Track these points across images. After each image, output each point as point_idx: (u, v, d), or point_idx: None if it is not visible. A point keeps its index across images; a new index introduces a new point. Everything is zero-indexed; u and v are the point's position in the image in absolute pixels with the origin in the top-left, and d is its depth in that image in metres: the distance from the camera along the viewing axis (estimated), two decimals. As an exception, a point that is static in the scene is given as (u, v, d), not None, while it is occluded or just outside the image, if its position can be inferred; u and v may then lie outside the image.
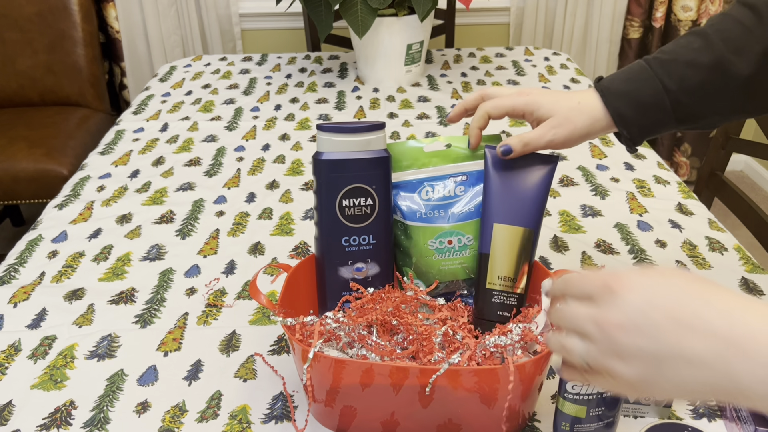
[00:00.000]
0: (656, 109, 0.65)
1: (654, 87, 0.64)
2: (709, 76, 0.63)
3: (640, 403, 0.65)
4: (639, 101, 0.65)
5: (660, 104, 0.64)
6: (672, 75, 0.64)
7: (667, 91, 0.64)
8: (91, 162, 1.25)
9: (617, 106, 0.65)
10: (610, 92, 0.65)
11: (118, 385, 0.72)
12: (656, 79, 0.64)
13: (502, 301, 0.68)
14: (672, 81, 0.64)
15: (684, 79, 0.63)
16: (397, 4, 1.53)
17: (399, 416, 0.61)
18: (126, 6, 2.26)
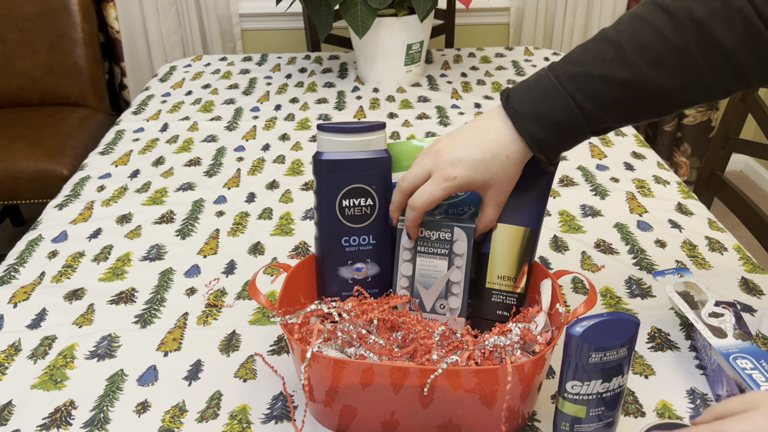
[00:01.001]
0: (572, 128, 0.61)
1: (568, 107, 0.60)
2: (625, 92, 0.59)
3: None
4: (554, 123, 0.61)
5: (576, 124, 0.61)
6: (586, 92, 0.59)
7: (582, 109, 0.60)
8: (91, 162, 1.25)
9: (531, 131, 0.61)
10: (522, 116, 0.61)
11: (118, 385, 0.72)
12: (568, 99, 0.60)
13: (501, 300, 0.68)
14: (586, 99, 0.59)
15: (598, 96, 0.59)
16: (397, 4, 1.53)
17: (399, 416, 0.61)
18: (126, 6, 2.26)
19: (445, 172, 0.62)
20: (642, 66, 0.58)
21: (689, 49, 0.57)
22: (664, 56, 0.58)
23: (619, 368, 0.57)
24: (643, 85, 0.59)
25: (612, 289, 0.86)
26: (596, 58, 0.59)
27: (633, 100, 0.60)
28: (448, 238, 0.67)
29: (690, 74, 0.58)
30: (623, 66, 0.58)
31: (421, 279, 0.68)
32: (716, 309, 0.71)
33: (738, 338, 0.66)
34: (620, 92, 0.59)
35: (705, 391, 0.69)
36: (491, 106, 1.47)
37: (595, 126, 0.61)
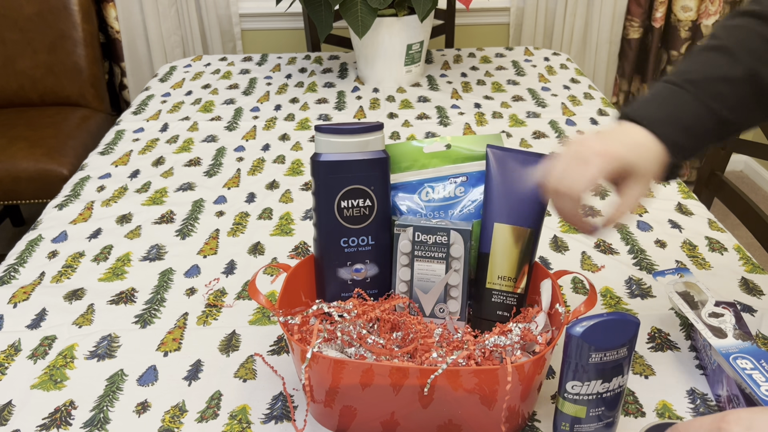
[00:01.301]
0: (703, 131, 0.62)
1: (697, 108, 0.61)
2: (744, 89, 0.61)
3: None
4: (687, 126, 0.61)
5: (706, 125, 0.61)
6: (711, 93, 0.61)
7: (710, 110, 0.61)
8: (91, 162, 1.25)
9: (668, 133, 0.61)
10: (653, 121, 0.61)
11: (118, 385, 0.72)
12: (698, 101, 0.61)
13: (501, 300, 0.68)
14: (713, 99, 0.61)
15: (723, 96, 0.61)
16: (397, 4, 1.53)
17: (399, 416, 0.61)
18: (126, 6, 2.26)
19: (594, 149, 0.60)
20: (754, 62, 0.60)
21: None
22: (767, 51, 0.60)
23: (619, 368, 0.57)
24: (758, 80, 0.60)
25: (612, 289, 0.86)
26: (709, 65, 0.62)
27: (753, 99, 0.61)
28: (444, 242, 0.67)
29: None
30: (737, 65, 0.61)
31: (419, 283, 0.68)
32: (716, 309, 0.71)
33: (738, 338, 0.66)
34: (740, 90, 0.61)
35: (705, 391, 0.69)
36: (491, 106, 1.47)
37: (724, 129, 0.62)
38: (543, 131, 1.34)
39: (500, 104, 1.48)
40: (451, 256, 0.67)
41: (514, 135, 1.32)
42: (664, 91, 0.62)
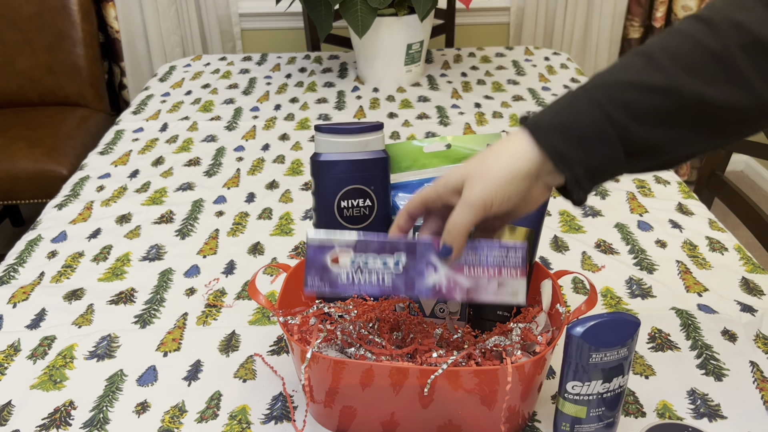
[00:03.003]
0: (601, 142, 0.52)
1: (594, 116, 0.51)
2: (660, 99, 0.51)
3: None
4: (579, 134, 0.52)
5: (604, 137, 0.52)
6: (614, 99, 0.51)
7: (610, 119, 0.51)
8: (90, 162, 1.25)
9: (553, 141, 0.52)
10: (542, 127, 0.53)
11: (118, 385, 0.72)
12: (594, 105, 0.51)
13: (502, 301, 0.68)
14: (615, 106, 0.51)
15: (629, 104, 0.51)
16: (397, 4, 1.53)
17: (399, 417, 0.61)
18: (126, 6, 2.26)
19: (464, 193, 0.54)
20: (676, 71, 0.50)
21: (729, 53, 0.49)
22: (700, 61, 0.50)
23: (619, 368, 0.57)
24: (679, 92, 0.50)
25: (612, 289, 0.86)
26: (625, 68, 0.52)
27: (671, 111, 0.51)
28: None
29: (734, 81, 0.50)
30: (655, 71, 0.51)
31: None
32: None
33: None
34: (654, 99, 0.51)
35: (705, 392, 0.69)
36: (491, 105, 1.47)
37: (628, 143, 0.52)
38: (543, 131, 1.33)
39: (500, 104, 1.48)
40: None
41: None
42: (567, 95, 0.54)
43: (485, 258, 0.56)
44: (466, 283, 0.56)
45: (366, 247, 0.56)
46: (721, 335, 0.77)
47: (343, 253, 0.57)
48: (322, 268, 0.57)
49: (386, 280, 0.57)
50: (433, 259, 0.56)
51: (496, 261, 0.56)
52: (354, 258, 0.57)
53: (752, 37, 0.49)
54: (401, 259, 0.57)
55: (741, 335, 0.77)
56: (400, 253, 0.56)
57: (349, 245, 0.57)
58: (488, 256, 0.56)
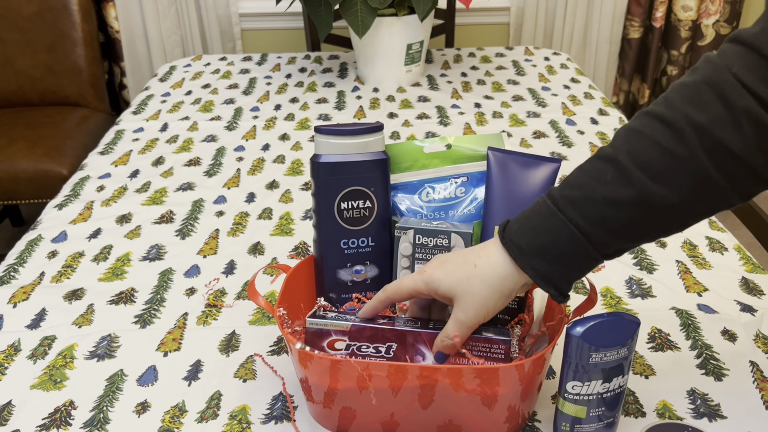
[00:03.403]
0: (579, 257, 0.55)
1: (571, 235, 0.54)
2: (633, 212, 0.53)
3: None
4: (558, 255, 0.55)
5: (582, 251, 0.55)
6: (589, 217, 0.53)
7: (587, 236, 0.54)
8: (90, 162, 1.25)
9: (535, 265, 0.55)
10: (522, 251, 0.56)
11: (118, 385, 0.72)
12: (570, 226, 0.54)
13: (502, 301, 0.68)
14: (590, 224, 0.53)
15: (604, 220, 0.53)
16: (397, 4, 1.53)
17: (399, 417, 0.61)
18: (126, 6, 2.26)
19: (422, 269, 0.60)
20: (646, 182, 0.52)
21: (696, 158, 0.51)
22: (667, 169, 0.52)
23: (619, 368, 0.57)
24: (650, 202, 0.52)
25: (612, 289, 0.86)
26: (596, 180, 0.54)
27: (642, 221, 0.53)
28: (445, 245, 0.67)
29: (701, 184, 0.52)
30: (626, 185, 0.52)
31: None
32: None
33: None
34: (627, 213, 0.53)
35: (705, 392, 0.69)
36: (491, 105, 1.47)
37: (606, 250, 0.55)
38: (543, 131, 1.34)
39: (500, 104, 1.48)
40: None
41: (514, 135, 1.32)
42: (542, 210, 0.56)
43: (470, 350, 0.61)
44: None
45: (359, 334, 0.61)
46: (721, 335, 0.77)
47: (339, 339, 0.62)
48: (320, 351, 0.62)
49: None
50: (421, 347, 0.61)
51: (480, 353, 0.61)
52: (348, 344, 0.62)
53: (715, 140, 0.51)
54: (392, 347, 0.61)
55: (741, 335, 0.77)
56: (391, 343, 0.61)
57: (344, 332, 0.61)
58: (473, 348, 0.61)
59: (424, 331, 0.61)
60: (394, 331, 0.61)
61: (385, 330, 0.61)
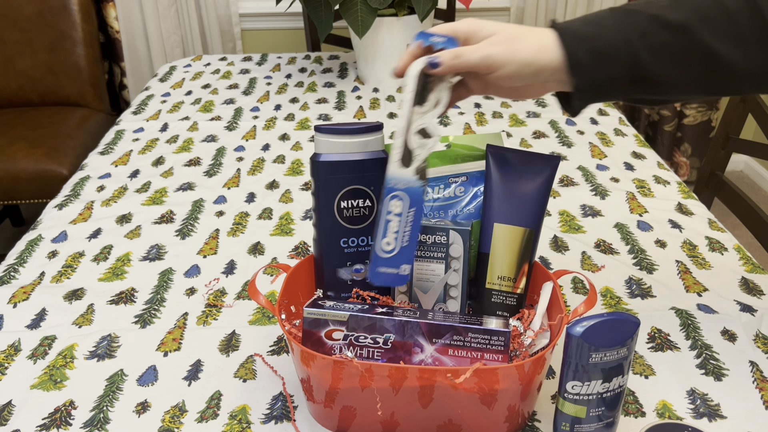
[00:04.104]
0: (613, 60, 0.58)
1: (615, 35, 0.57)
2: (673, 37, 0.56)
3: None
4: (597, 48, 0.57)
5: (618, 56, 0.57)
6: (636, 26, 0.57)
7: (627, 42, 0.57)
8: (91, 162, 1.25)
9: (574, 48, 0.58)
10: (568, 32, 0.58)
11: (118, 385, 0.72)
12: (618, 27, 0.57)
13: (501, 300, 0.68)
14: (635, 32, 0.57)
15: (647, 34, 0.57)
16: (397, 4, 1.53)
17: (399, 417, 0.61)
18: (126, 6, 2.26)
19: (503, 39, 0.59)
20: (692, 17, 0.56)
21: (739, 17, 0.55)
22: (714, 15, 0.56)
23: (619, 368, 0.57)
24: (690, 36, 0.56)
25: (612, 289, 0.86)
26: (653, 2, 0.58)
27: (678, 48, 0.57)
28: (443, 242, 0.67)
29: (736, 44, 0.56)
30: (677, 11, 0.56)
31: (418, 283, 0.68)
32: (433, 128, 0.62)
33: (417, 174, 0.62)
34: (668, 37, 0.56)
35: (705, 391, 0.69)
36: (491, 105, 1.47)
37: (636, 70, 0.58)
38: (543, 131, 1.34)
39: (500, 104, 1.48)
40: (451, 256, 0.67)
41: (514, 135, 1.32)
42: (600, 12, 0.60)
43: (469, 341, 0.60)
44: (450, 364, 0.61)
45: (357, 324, 0.61)
46: (720, 335, 0.77)
47: (337, 329, 0.62)
48: (317, 341, 0.62)
49: (375, 356, 0.62)
50: (420, 339, 0.61)
51: (479, 345, 0.60)
52: (346, 334, 0.62)
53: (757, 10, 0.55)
54: (390, 337, 0.61)
55: (741, 335, 0.77)
56: (389, 333, 0.61)
57: (342, 322, 0.61)
58: (472, 340, 0.60)
59: (422, 321, 0.60)
60: (392, 321, 0.61)
61: (383, 320, 0.61)
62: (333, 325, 0.62)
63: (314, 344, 0.62)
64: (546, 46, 0.58)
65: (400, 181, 0.62)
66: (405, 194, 0.62)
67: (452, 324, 0.60)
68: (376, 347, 0.61)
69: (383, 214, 0.62)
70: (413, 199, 0.62)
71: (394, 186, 0.62)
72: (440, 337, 0.60)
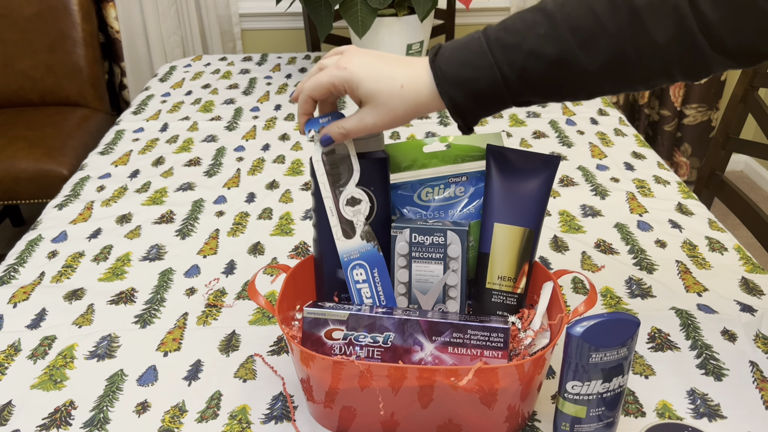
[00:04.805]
0: (493, 98, 0.60)
1: (493, 77, 0.58)
2: (551, 70, 0.57)
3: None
4: (476, 91, 0.59)
5: (498, 94, 0.59)
6: (513, 64, 0.57)
7: (506, 81, 0.58)
8: (91, 162, 1.25)
9: (453, 95, 0.59)
10: (447, 79, 0.59)
11: (118, 385, 0.72)
12: (495, 69, 0.58)
13: (501, 300, 0.68)
14: (512, 71, 0.58)
15: (525, 70, 0.57)
16: (397, 4, 1.53)
17: (399, 417, 0.61)
18: (126, 6, 2.26)
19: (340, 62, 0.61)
20: (572, 45, 0.56)
21: (622, 37, 0.55)
22: (595, 39, 0.56)
23: (619, 368, 0.57)
24: (569, 65, 0.57)
25: (612, 289, 0.86)
26: (530, 30, 0.57)
27: (557, 80, 0.58)
28: (441, 242, 0.67)
29: (618, 63, 0.56)
30: (554, 43, 0.56)
31: (417, 285, 0.68)
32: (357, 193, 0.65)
33: (364, 238, 0.65)
34: (546, 69, 0.57)
35: (705, 391, 0.69)
36: (491, 106, 1.47)
37: (517, 98, 0.60)
38: (543, 131, 1.34)
39: (500, 104, 1.47)
40: (449, 257, 0.67)
41: (514, 135, 1.32)
42: (474, 46, 0.59)
43: (469, 339, 0.60)
44: (450, 361, 0.61)
45: (357, 323, 0.62)
46: (720, 335, 0.77)
47: (336, 329, 0.62)
48: (317, 341, 0.62)
49: (375, 355, 0.62)
50: (419, 337, 0.61)
51: (479, 342, 0.60)
52: (346, 333, 0.62)
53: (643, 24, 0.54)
54: (390, 336, 0.61)
55: (741, 335, 0.77)
56: (389, 332, 0.61)
57: (342, 321, 0.62)
58: (472, 337, 0.60)
59: (422, 320, 0.61)
60: (392, 319, 0.61)
61: (382, 318, 0.61)
62: (333, 324, 0.62)
63: (314, 344, 0.62)
64: (423, 101, 0.60)
65: (353, 252, 0.66)
66: (363, 261, 0.66)
67: (452, 321, 0.60)
68: (375, 346, 0.61)
69: (351, 285, 0.66)
70: (372, 261, 0.66)
71: (349, 258, 0.66)
72: (440, 335, 0.60)
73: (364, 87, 0.60)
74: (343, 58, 0.62)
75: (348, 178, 0.66)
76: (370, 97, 0.60)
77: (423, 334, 0.61)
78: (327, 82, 0.61)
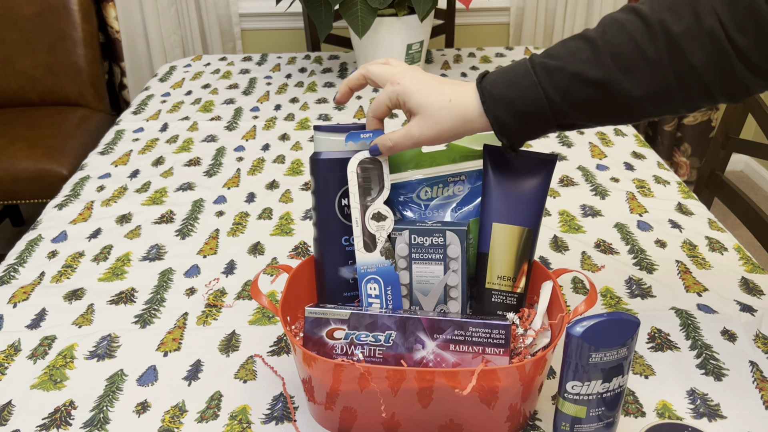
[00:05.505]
0: (538, 119, 0.61)
1: (537, 97, 0.60)
2: (595, 93, 0.59)
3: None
4: (521, 111, 0.61)
5: (542, 115, 0.61)
6: (557, 86, 0.60)
7: (550, 102, 0.60)
8: (90, 162, 1.25)
9: (498, 114, 0.61)
10: (493, 98, 0.62)
11: (118, 385, 0.72)
12: (539, 89, 0.60)
13: (501, 300, 0.68)
14: (556, 92, 0.60)
15: (569, 92, 0.59)
16: (397, 4, 1.53)
17: (400, 417, 0.61)
18: (126, 6, 2.26)
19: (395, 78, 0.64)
20: (614, 70, 0.58)
21: (661, 62, 0.58)
22: (636, 64, 0.58)
23: (619, 368, 0.57)
24: (612, 89, 0.59)
25: (612, 289, 0.86)
26: (573, 56, 0.60)
27: (600, 102, 0.60)
28: (441, 243, 0.67)
29: (659, 86, 0.58)
30: (596, 67, 0.59)
31: (418, 286, 0.68)
32: (384, 210, 0.67)
33: (383, 254, 0.67)
34: (589, 92, 0.59)
35: (705, 391, 0.69)
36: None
37: (562, 120, 0.62)
38: (543, 131, 1.33)
39: (500, 104, 1.47)
40: (449, 257, 0.67)
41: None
42: (520, 69, 0.62)
43: (470, 336, 0.61)
44: (452, 359, 0.61)
45: (359, 322, 0.62)
46: (720, 335, 0.77)
47: (338, 328, 0.62)
48: (318, 341, 0.62)
49: (377, 354, 0.62)
50: (421, 335, 0.61)
51: (481, 340, 0.60)
52: (348, 333, 0.62)
53: (681, 50, 0.57)
54: (392, 335, 0.62)
55: (741, 335, 0.77)
56: (390, 331, 0.62)
57: (343, 320, 0.62)
58: (473, 334, 0.60)
59: (423, 318, 0.61)
60: (393, 318, 0.61)
61: (384, 318, 0.61)
62: (334, 323, 0.62)
63: (316, 344, 0.62)
64: (470, 117, 0.62)
65: (371, 265, 0.67)
66: (378, 276, 0.67)
67: (453, 318, 0.60)
68: (377, 345, 0.61)
69: (363, 298, 0.67)
70: (387, 278, 0.67)
71: (366, 271, 0.67)
72: (441, 333, 0.60)
73: (414, 98, 0.63)
74: (397, 74, 0.65)
75: (378, 194, 0.67)
76: (420, 108, 0.63)
77: (424, 332, 0.61)
78: (385, 99, 0.65)
